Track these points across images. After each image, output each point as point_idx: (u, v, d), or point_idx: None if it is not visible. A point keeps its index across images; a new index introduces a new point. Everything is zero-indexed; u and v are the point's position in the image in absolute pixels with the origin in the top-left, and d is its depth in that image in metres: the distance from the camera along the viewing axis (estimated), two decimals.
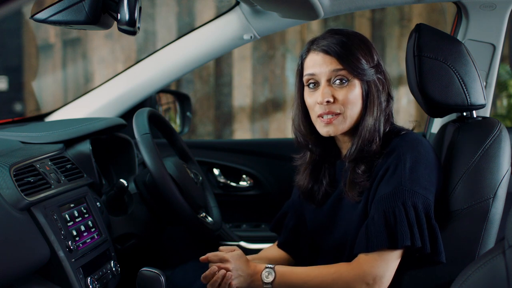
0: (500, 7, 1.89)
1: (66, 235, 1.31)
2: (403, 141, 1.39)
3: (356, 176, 1.41)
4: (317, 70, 1.41)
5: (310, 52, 1.44)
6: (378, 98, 1.42)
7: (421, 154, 1.37)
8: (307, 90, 1.45)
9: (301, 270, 1.40)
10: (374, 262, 1.33)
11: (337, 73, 1.40)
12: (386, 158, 1.38)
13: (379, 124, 1.42)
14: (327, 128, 1.41)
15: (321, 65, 1.41)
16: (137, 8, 1.06)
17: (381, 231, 1.32)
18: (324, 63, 1.40)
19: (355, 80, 1.40)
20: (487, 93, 1.99)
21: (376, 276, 1.32)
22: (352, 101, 1.40)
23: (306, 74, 1.44)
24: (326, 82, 1.40)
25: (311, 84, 1.43)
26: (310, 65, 1.43)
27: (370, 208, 1.38)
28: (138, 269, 1.38)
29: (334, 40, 1.41)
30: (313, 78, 1.42)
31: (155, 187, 1.66)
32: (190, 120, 2.45)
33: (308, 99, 1.45)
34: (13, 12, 1.31)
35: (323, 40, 1.43)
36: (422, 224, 1.32)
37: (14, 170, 1.27)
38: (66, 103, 2.15)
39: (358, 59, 1.39)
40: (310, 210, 1.57)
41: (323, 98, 1.39)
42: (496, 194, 1.39)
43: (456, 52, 1.46)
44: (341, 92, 1.40)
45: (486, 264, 0.98)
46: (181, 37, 2.06)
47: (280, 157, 2.30)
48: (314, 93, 1.43)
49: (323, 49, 1.41)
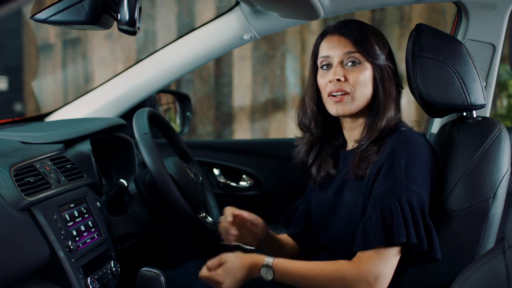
0: (500, 7, 1.89)
1: (66, 235, 1.31)
2: (399, 138, 1.40)
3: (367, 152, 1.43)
4: (331, 52, 1.47)
5: (326, 36, 1.50)
6: (390, 83, 1.47)
7: (416, 153, 1.37)
8: (320, 72, 1.50)
9: (301, 266, 1.39)
10: (373, 261, 1.33)
11: (350, 55, 1.45)
12: (381, 154, 1.40)
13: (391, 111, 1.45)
14: (336, 106, 1.45)
15: (336, 47, 1.46)
16: (137, 8, 1.06)
17: (377, 229, 1.33)
18: (339, 45, 1.46)
19: (367, 63, 1.45)
20: (487, 93, 1.99)
21: (377, 274, 1.32)
22: (362, 82, 1.44)
23: (320, 56, 1.49)
24: (338, 63, 1.46)
25: (324, 66, 1.49)
26: (325, 48, 1.49)
27: (367, 206, 1.39)
28: (138, 269, 1.38)
29: (350, 25, 1.48)
30: (327, 60, 1.48)
31: (155, 187, 1.66)
32: (190, 120, 2.45)
33: (321, 79, 1.49)
34: (13, 12, 1.31)
35: (339, 25, 1.49)
36: (418, 221, 1.33)
37: (14, 170, 1.27)
38: (66, 103, 2.15)
39: (372, 44, 1.45)
40: (315, 198, 1.59)
41: (334, 75, 1.44)
42: (496, 194, 1.39)
43: (456, 52, 1.46)
44: (353, 73, 1.44)
45: (486, 264, 0.99)
46: (181, 37, 2.06)
47: (280, 157, 2.30)
48: (326, 74, 1.48)
49: (340, 31, 1.47)
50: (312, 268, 1.38)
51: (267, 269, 1.38)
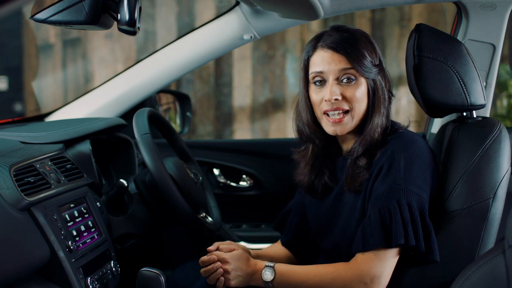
0: (500, 7, 1.89)
1: (66, 235, 1.31)
2: (397, 140, 1.40)
3: (357, 169, 1.42)
4: (325, 68, 1.41)
5: (317, 49, 1.44)
6: (383, 95, 1.44)
7: (415, 154, 1.37)
8: (312, 87, 1.45)
9: (300, 269, 1.41)
10: (371, 262, 1.33)
11: (346, 72, 1.40)
12: (380, 156, 1.39)
13: (382, 121, 1.43)
14: (334, 127, 1.43)
15: (330, 63, 1.41)
16: (137, 8, 1.06)
17: (376, 230, 1.33)
18: (332, 61, 1.41)
19: (361, 78, 1.41)
20: (487, 93, 1.99)
21: (373, 275, 1.33)
22: (359, 99, 1.41)
23: (313, 71, 1.44)
24: (334, 80, 1.41)
25: (317, 82, 1.44)
26: (318, 62, 1.43)
27: (367, 207, 1.39)
28: (138, 269, 1.38)
29: (341, 37, 1.42)
30: (320, 75, 1.43)
31: (155, 187, 1.66)
32: (190, 120, 2.45)
33: (314, 96, 1.45)
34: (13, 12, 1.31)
35: (329, 37, 1.43)
36: (416, 223, 1.33)
37: (14, 170, 1.27)
38: (66, 103, 2.15)
39: (365, 57, 1.41)
40: (312, 206, 1.58)
41: (331, 96, 1.40)
42: (496, 194, 1.39)
43: (456, 52, 1.46)
44: (349, 90, 1.41)
45: (486, 264, 0.99)
46: (181, 37, 2.06)
47: (280, 157, 2.30)
48: (320, 90, 1.43)
49: (331, 46, 1.41)
50: (310, 270, 1.40)
51: (269, 270, 1.40)
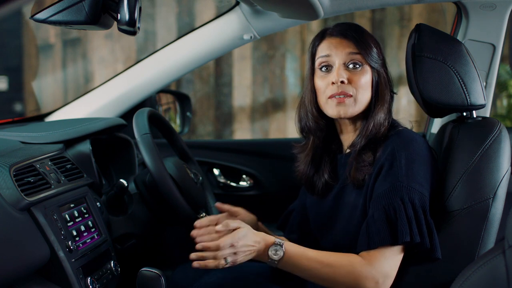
0: (500, 7, 1.89)
1: (66, 235, 1.31)
2: (398, 138, 1.40)
3: (362, 162, 1.42)
4: (332, 51, 1.45)
5: (325, 37, 1.48)
6: (386, 89, 1.47)
7: (416, 152, 1.38)
8: (319, 74, 1.47)
9: (312, 254, 1.35)
10: (381, 260, 1.32)
11: (353, 57, 1.44)
12: (381, 154, 1.40)
13: (385, 114, 1.45)
14: (338, 107, 1.43)
15: (337, 47, 1.44)
16: (137, 8, 1.06)
17: (382, 228, 1.32)
18: (341, 45, 1.44)
19: (367, 66, 1.44)
20: (487, 93, 1.99)
21: (385, 274, 1.32)
22: (363, 85, 1.44)
23: (320, 56, 1.47)
24: (341, 64, 1.44)
25: (323, 68, 1.46)
26: (325, 48, 1.46)
27: (368, 206, 1.39)
28: (138, 269, 1.38)
29: (349, 26, 1.47)
30: (327, 60, 1.45)
31: (155, 187, 1.66)
32: (190, 120, 2.45)
33: (320, 82, 1.47)
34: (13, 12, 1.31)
35: (337, 27, 1.48)
36: (420, 220, 1.33)
37: (14, 170, 1.27)
38: (66, 103, 2.15)
39: (371, 47, 1.45)
40: (313, 205, 1.58)
41: (338, 77, 1.42)
42: (496, 194, 1.39)
43: (456, 52, 1.46)
44: (355, 75, 1.43)
45: (486, 264, 0.99)
46: (181, 37, 2.06)
47: (280, 157, 2.30)
48: (326, 76, 1.45)
49: (340, 32, 1.46)
50: (323, 257, 1.34)
51: (277, 248, 1.32)
